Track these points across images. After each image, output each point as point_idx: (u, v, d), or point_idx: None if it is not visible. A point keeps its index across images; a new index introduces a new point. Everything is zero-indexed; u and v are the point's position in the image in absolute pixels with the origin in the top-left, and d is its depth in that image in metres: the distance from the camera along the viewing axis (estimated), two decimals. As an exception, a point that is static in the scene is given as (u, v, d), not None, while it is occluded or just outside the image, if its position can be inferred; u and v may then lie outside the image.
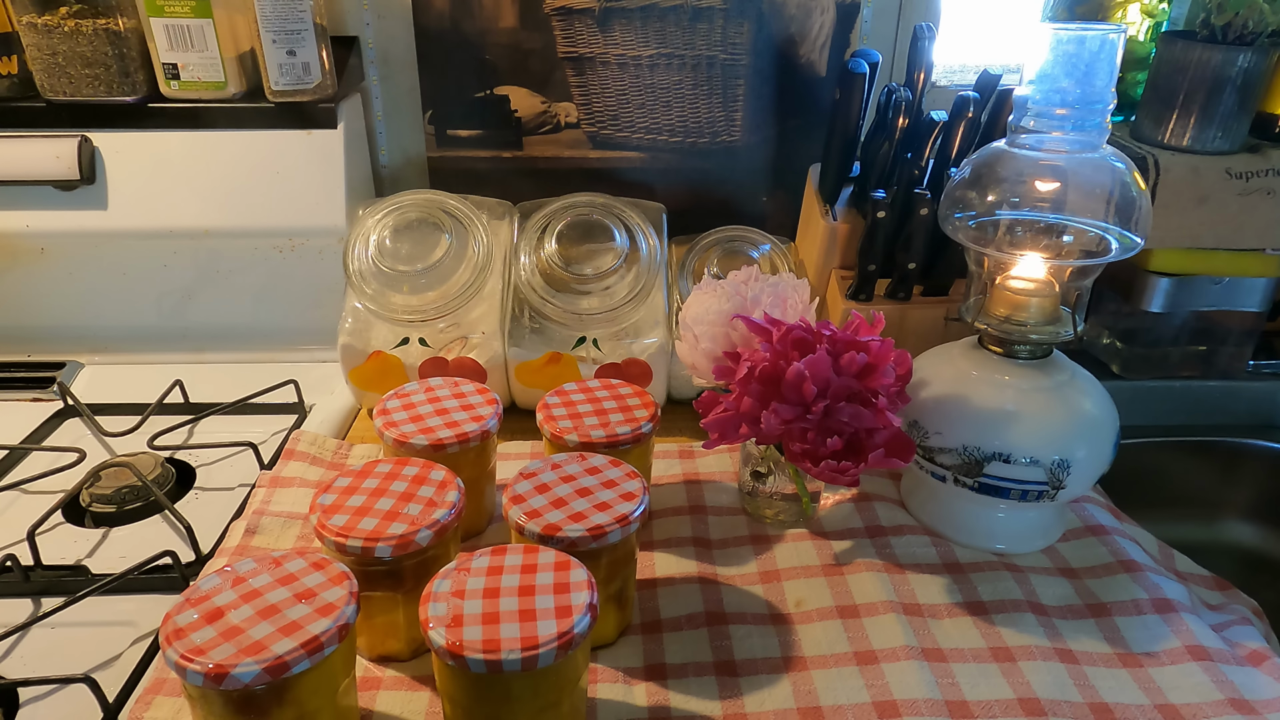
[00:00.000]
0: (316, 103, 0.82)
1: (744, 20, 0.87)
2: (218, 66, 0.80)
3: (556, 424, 0.62)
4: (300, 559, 0.47)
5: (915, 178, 0.73)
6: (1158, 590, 0.59)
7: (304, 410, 0.80)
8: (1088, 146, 0.57)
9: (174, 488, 0.70)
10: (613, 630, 0.55)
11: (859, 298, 0.78)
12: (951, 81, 0.93)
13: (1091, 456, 0.59)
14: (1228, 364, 0.89)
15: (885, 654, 0.54)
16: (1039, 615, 0.57)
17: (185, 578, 0.59)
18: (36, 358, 0.88)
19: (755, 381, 0.56)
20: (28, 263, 0.86)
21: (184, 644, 0.41)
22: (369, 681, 0.53)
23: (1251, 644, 0.56)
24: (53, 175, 0.82)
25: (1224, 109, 0.76)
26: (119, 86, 0.81)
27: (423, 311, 0.74)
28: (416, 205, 0.76)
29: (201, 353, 0.89)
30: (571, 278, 0.75)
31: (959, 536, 0.64)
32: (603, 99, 0.91)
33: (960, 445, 0.60)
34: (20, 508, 0.67)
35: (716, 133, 0.93)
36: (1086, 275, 0.60)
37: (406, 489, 0.54)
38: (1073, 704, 0.51)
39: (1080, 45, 0.55)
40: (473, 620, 0.44)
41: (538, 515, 0.52)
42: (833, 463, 0.54)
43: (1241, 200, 0.77)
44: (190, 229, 0.85)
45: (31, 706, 0.51)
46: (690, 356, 0.64)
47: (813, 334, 0.56)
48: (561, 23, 0.88)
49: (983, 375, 0.61)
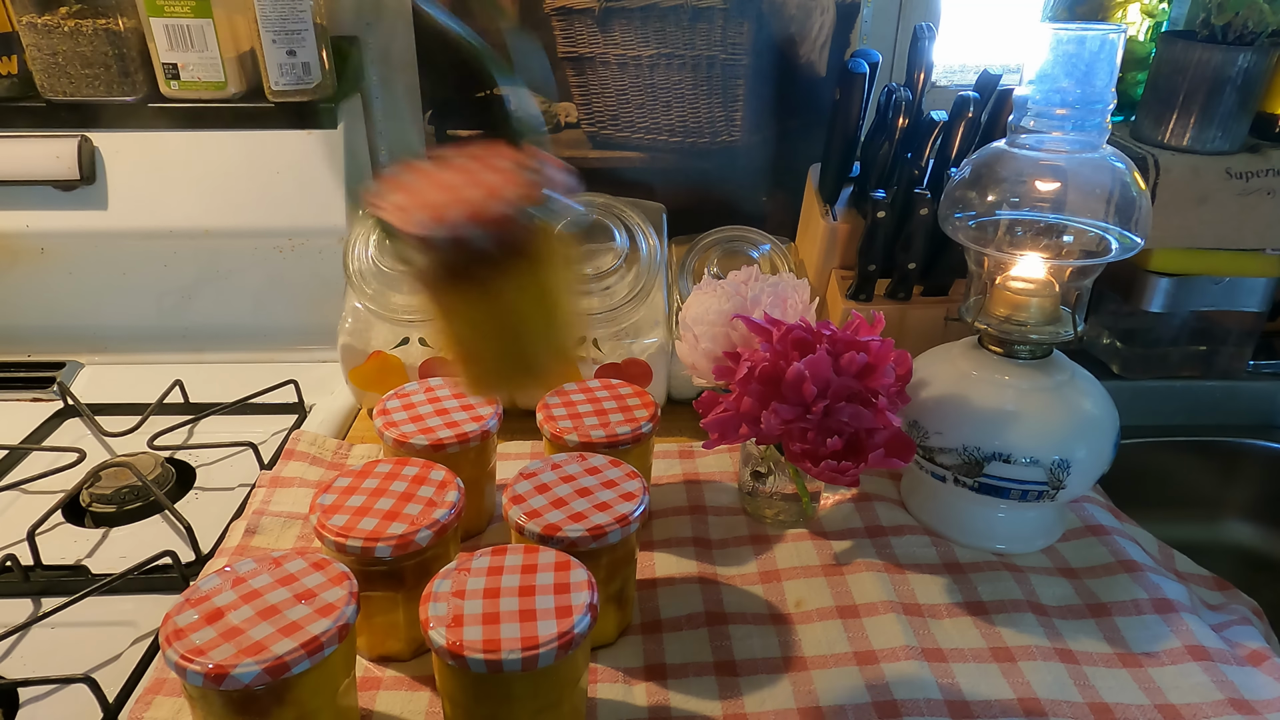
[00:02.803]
0: (316, 103, 0.82)
1: (744, 20, 0.87)
2: (218, 66, 0.80)
3: (556, 424, 0.62)
4: (300, 559, 0.47)
5: (915, 178, 0.73)
6: (1158, 590, 0.59)
7: (304, 410, 0.80)
8: (1088, 146, 0.57)
9: (174, 488, 0.70)
10: (613, 630, 0.55)
11: (859, 298, 0.78)
12: (951, 81, 0.93)
13: (1091, 456, 0.59)
14: (1228, 364, 0.89)
15: (885, 654, 0.54)
16: (1039, 615, 0.57)
17: (185, 578, 0.59)
18: (36, 358, 0.88)
19: (755, 381, 0.56)
20: (28, 263, 0.86)
21: (184, 644, 0.41)
22: (369, 681, 0.53)
23: (1251, 644, 0.56)
24: (53, 175, 0.82)
25: (1224, 109, 0.76)
26: (119, 86, 0.81)
27: (423, 311, 0.74)
28: (416, 205, 0.76)
29: (201, 353, 0.89)
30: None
31: (959, 536, 0.64)
32: (603, 99, 0.91)
33: (960, 445, 0.60)
34: (20, 508, 0.67)
35: (716, 133, 0.93)
36: (1086, 275, 0.60)
37: (406, 489, 0.54)
38: (1073, 704, 0.51)
39: (1080, 45, 0.55)
40: (473, 620, 0.44)
41: (538, 515, 0.52)
42: (833, 463, 0.54)
43: (1241, 200, 0.77)
44: (190, 229, 0.85)
45: (31, 706, 0.51)
46: (690, 356, 0.64)
47: (813, 334, 0.56)
48: (561, 23, 0.88)
49: (983, 375, 0.61)
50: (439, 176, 0.40)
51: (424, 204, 0.38)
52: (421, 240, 0.38)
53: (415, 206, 0.38)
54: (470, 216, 0.37)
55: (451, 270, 0.39)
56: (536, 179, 0.39)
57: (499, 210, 0.37)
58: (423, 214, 0.37)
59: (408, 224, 0.37)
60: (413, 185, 0.40)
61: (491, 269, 0.39)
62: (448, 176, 0.40)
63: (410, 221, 0.37)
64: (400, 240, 0.38)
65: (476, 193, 0.38)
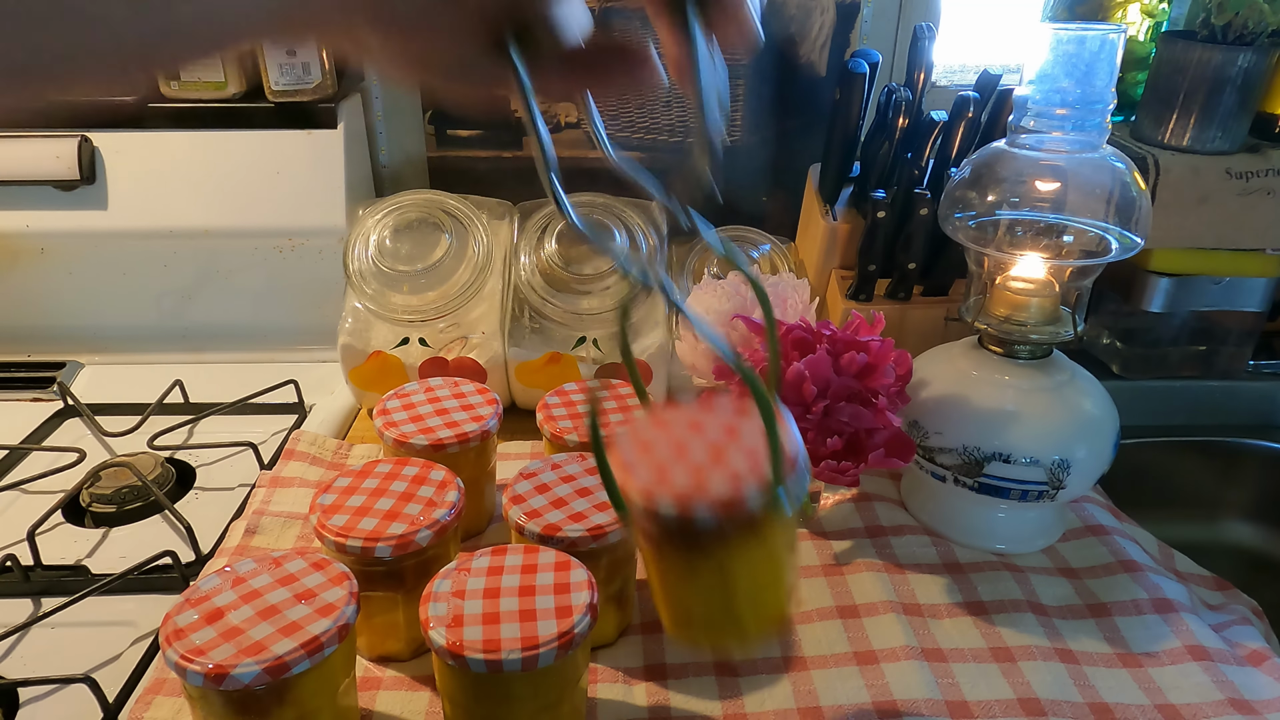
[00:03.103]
0: (316, 103, 0.82)
1: (744, 20, 0.87)
2: (218, 66, 0.80)
3: (556, 424, 0.62)
4: (300, 559, 0.47)
5: (915, 178, 0.73)
6: (1158, 590, 0.59)
7: (304, 410, 0.80)
8: (1088, 146, 0.57)
9: (174, 488, 0.70)
10: (613, 630, 0.55)
11: (859, 298, 0.78)
12: (951, 81, 0.93)
13: (1091, 456, 0.59)
14: (1228, 364, 0.89)
15: (885, 654, 0.54)
16: (1039, 615, 0.57)
17: (185, 578, 0.59)
18: (36, 358, 0.88)
19: (755, 381, 0.56)
20: (28, 263, 0.86)
21: (184, 644, 0.41)
22: (369, 681, 0.53)
23: (1251, 644, 0.56)
24: (53, 175, 0.82)
25: (1224, 109, 0.76)
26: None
27: (423, 311, 0.74)
28: (416, 205, 0.76)
29: (201, 353, 0.89)
30: (571, 278, 0.75)
31: (959, 536, 0.64)
32: (603, 99, 0.91)
33: (960, 445, 0.60)
34: (20, 508, 0.67)
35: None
36: (1086, 275, 0.60)
37: (406, 489, 0.54)
38: (1073, 704, 0.51)
39: (1080, 45, 0.55)
40: (473, 620, 0.44)
41: (538, 515, 0.52)
42: (833, 463, 0.54)
43: (1241, 200, 0.77)
44: (190, 229, 0.85)
45: (31, 706, 0.51)
46: (690, 356, 0.64)
47: (813, 334, 0.57)
48: (561, 23, 0.88)
49: (983, 375, 0.61)
50: (672, 432, 0.40)
51: (655, 466, 0.38)
52: (648, 509, 0.37)
53: (645, 467, 0.38)
54: (704, 496, 0.36)
55: (672, 534, 0.38)
56: (775, 459, 0.37)
57: (734, 494, 0.36)
58: (653, 482, 0.37)
59: (634, 490, 0.37)
60: (644, 438, 0.39)
61: (715, 539, 0.38)
62: (681, 434, 0.40)
63: (638, 490, 0.37)
64: (623, 495, 0.38)
65: (712, 465, 0.38)
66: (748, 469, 0.37)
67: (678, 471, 0.37)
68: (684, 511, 0.36)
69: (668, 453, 0.39)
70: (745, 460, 0.38)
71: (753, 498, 0.36)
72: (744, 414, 0.40)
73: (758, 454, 0.38)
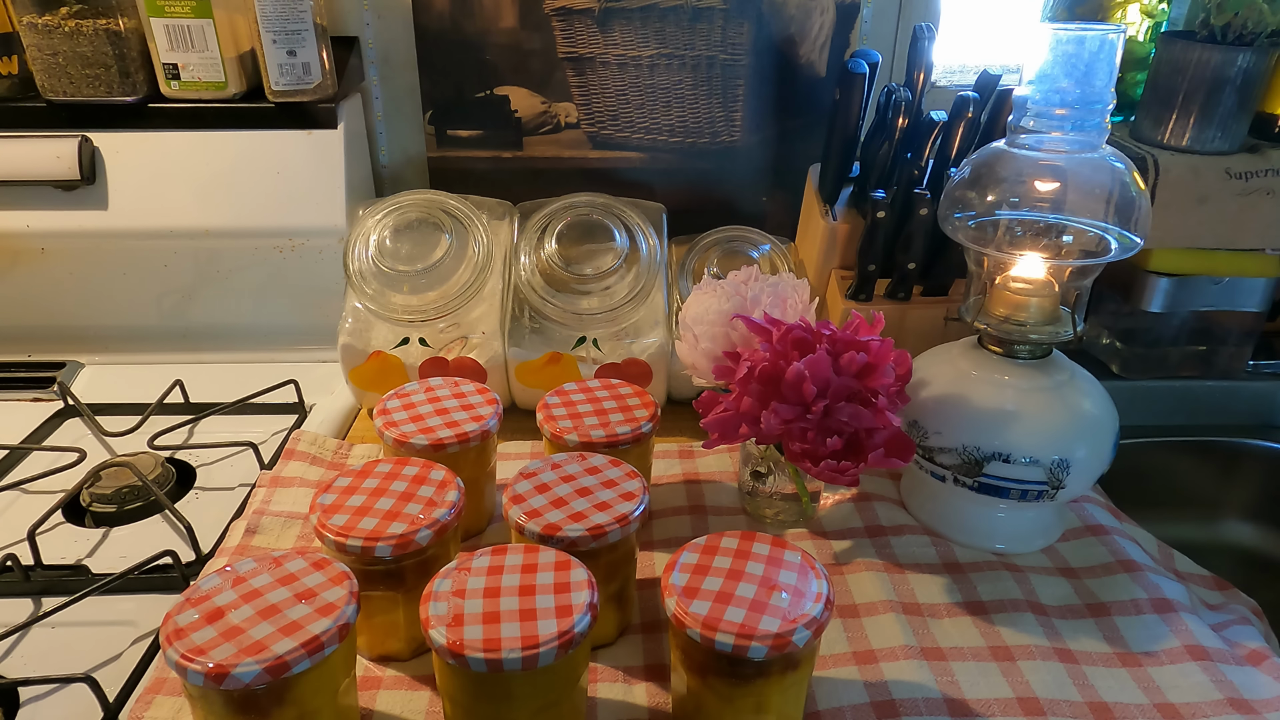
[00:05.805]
0: (316, 103, 0.82)
1: (744, 20, 0.87)
2: (218, 66, 0.80)
3: (556, 424, 0.63)
4: (300, 559, 0.47)
5: (915, 178, 0.73)
6: (1157, 590, 0.59)
7: (304, 410, 0.80)
8: (1087, 146, 0.57)
9: (174, 488, 0.70)
10: (613, 630, 0.55)
11: (859, 298, 0.78)
12: (951, 81, 0.93)
13: (1091, 456, 0.59)
14: (1228, 364, 0.89)
15: (884, 653, 0.54)
16: (1038, 615, 0.58)
17: (185, 578, 0.59)
18: (36, 358, 0.88)
19: (755, 381, 0.56)
20: (28, 263, 0.86)
21: (184, 644, 0.41)
22: (369, 681, 0.53)
23: (1251, 644, 0.56)
24: (53, 175, 0.82)
25: (1223, 109, 0.76)
26: (119, 86, 0.81)
27: (423, 311, 0.74)
28: (416, 205, 0.76)
29: (201, 353, 0.89)
30: (571, 278, 0.75)
31: (959, 536, 0.64)
32: (603, 99, 0.91)
33: (960, 445, 0.60)
34: (20, 508, 0.67)
35: (716, 133, 0.93)
36: (1086, 275, 0.60)
37: (406, 489, 0.54)
38: (1072, 703, 0.51)
39: (1080, 45, 0.55)
40: (473, 619, 0.44)
41: (538, 515, 0.52)
42: (833, 463, 0.54)
43: (1241, 200, 0.77)
44: (190, 229, 0.85)
45: (32, 706, 0.51)
46: (690, 356, 0.64)
47: (813, 334, 0.57)
48: (561, 23, 0.88)
49: (982, 375, 0.61)
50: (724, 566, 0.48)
51: (711, 598, 0.45)
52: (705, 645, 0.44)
53: (701, 599, 0.45)
54: (756, 635, 0.43)
55: (720, 667, 0.45)
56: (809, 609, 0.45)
57: (786, 638, 0.43)
58: (711, 616, 0.44)
59: (689, 620, 0.44)
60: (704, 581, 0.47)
61: (761, 677, 0.45)
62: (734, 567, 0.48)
63: (694, 620, 0.44)
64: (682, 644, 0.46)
65: (764, 603, 0.45)
66: (792, 609, 0.45)
67: (732, 608, 0.45)
68: (739, 651, 0.43)
69: (723, 586, 0.46)
70: (790, 601, 0.45)
71: (800, 638, 0.43)
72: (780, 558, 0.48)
73: (800, 594, 0.46)
